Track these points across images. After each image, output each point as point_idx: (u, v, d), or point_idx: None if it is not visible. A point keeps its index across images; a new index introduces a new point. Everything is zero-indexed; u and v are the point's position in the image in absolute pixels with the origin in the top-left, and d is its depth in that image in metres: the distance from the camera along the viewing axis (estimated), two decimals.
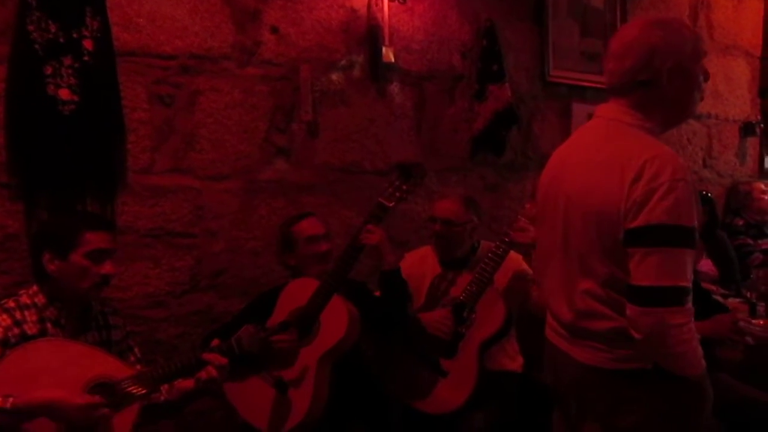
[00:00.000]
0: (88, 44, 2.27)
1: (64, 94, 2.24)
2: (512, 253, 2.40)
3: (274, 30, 2.71)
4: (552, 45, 3.46)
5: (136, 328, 2.39)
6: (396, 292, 2.31)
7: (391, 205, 2.22)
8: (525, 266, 2.47)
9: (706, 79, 1.63)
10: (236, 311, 2.40)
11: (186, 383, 1.91)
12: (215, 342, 1.91)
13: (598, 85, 3.63)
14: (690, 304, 1.47)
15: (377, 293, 2.39)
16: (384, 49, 2.88)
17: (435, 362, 2.37)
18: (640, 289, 1.46)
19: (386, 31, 2.88)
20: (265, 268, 2.69)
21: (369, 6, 2.89)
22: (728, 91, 4.20)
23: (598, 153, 1.57)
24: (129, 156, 2.44)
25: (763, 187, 4.09)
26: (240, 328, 2.19)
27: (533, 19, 3.42)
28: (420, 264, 2.58)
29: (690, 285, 1.46)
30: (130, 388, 1.75)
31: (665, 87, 1.55)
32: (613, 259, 1.52)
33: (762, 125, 4.42)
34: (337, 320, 2.13)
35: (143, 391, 1.76)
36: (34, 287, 1.84)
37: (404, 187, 2.23)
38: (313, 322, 2.14)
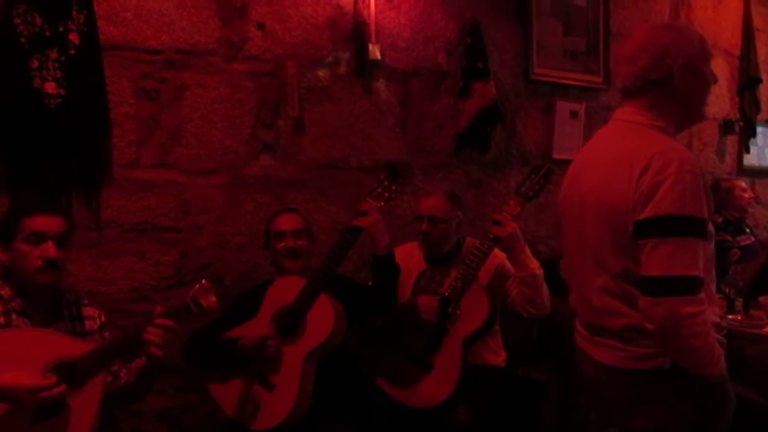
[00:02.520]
0: (74, 38, 2.26)
1: (50, 87, 2.23)
2: (496, 251, 2.44)
3: (261, 26, 2.71)
4: (535, 43, 3.50)
5: (121, 322, 2.39)
6: (389, 277, 2.29)
7: (380, 205, 2.23)
8: (508, 264, 2.50)
9: (715, 81, 1.69)
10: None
11: (139, 361, 1.88)
12: (158, 309, 1.79)
13: (581, 83, 3.69)
14: (703, 295, 1.48)
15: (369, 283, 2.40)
16: (370, 46, 2.89)
17: (420, 356, 2.40)
18: (651, 279, 1.49)
19: (372, 28, 2.90)
20: (251, 263, 2.70)
21: (355, 3, 2.90)
22: None
23: (611, 152, 1.63)
24: (114, 150, 2.44)
25: (743, 184, 4.17)
26: (224, 327, 2.22)
27: (517, 17, 3.45)
28: (405, 260, 2.59)
29: (702, 275, 1.48)
30: (88, 364, 1.74)
31: (677, 85, 1.61)
32: (626, 253, 1.56)
33: (741, 123, 4.50)
34: (323, 319, 2.13)
35: (101, 365, 1.75)
36: (0, 280, 1.85)
37: (393, 187, 2.24)
38: (300, 321, 2.14)
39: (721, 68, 4.34)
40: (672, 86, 1.61)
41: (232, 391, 2.18)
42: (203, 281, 1.78)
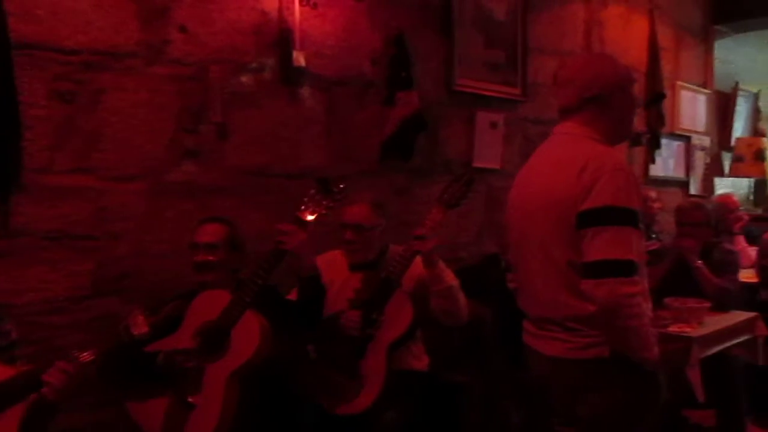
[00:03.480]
0: None
1: None
2: (419, 258, 2.47)
3: (183, 29, 2.66)
4: (458, 55, 3.59)
5: (35, 335, 2.28)
6: (314, 298, 2.28)
7: (309, 220, 2.21)
8: None
9: (639, 104, 1.88)
10: None
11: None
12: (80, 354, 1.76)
13: (501, 95, 3.81)
14: (638, 278, 1.65)
15: (292, 295, 2.39)
16: (295, 53, 2.89)
17: (345, 364, 2.40)
18: (593, 263, 1.64)
19: (297, 35, 2.89)
20: (173, 272, 2.62)
21: (280, 9, 2.90)
22: None
23: (553, 158, 1.82)
24: (26, 154, 2.32)
25: (654, 195, 4.41)
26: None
27: (440, 29, 3.54)
28: (329, 268, 2.60)
29: (637, 261, 1.64)
30: (10, 390, 1.67)
31: (608, 102, 1.81)
32: (569, 245, 1.71)
33: (648, 136, 4.78)
34: (248, 337, 2.08)
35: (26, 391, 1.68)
36: None
37: (324, 203, 2.23)
38: (224, 338, 2.08)
39: None
40: (605, 103, 1.81)
41: (152, 411, 2.11)
42: (137, 312, 1.79)
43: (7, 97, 2.24)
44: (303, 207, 2.25)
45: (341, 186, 2.29)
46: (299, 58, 2.90)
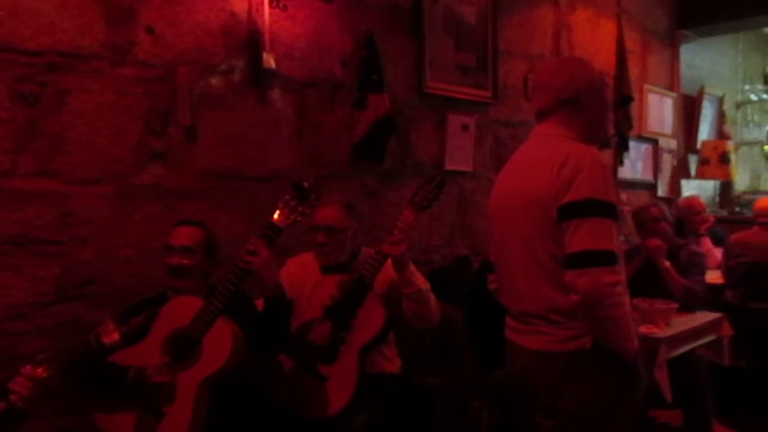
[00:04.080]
0: None
1: None
2: (390, 261, 2.47)
3: (150, 30, 2.62)
4: (428, 57, 3.60)
5: None
6: (281, 317, 2.25)
7: (284, 226, 2.18)
8: None
9: (611, 108, 1.93)
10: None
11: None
12: (42, 355, 1.76)
13: (471, 97, 3.83)
14: (619, 268, 1.70)
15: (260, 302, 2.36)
16: (264, 54, 2.87)
17: (316, 367, 2.39)
18: (576, 254, 1.69)
19: (267, 37, 2.88)
20: (140, 276, 2.59)
21: (249, 11, 2.87)
22: None
23: (533, 157, 1.88)
24: None
25: (624, 197, 4.46)
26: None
27: (411, 32, 3.55)
28: (301, 270, 2.59)
29: (617, 252, 1.69)
30: None
31: (584, 103, 1.88)
32: (551, 239, 1.75)
33: (616, 138, 4.84)
34: (220, 345, 2.05)
35: None
36: None
37: (300, 209, 2.20)
38: (195, 345, 2.06)
39: None
40: (579, 104, 1.88)
41: (120, 421, 2.06)
42: (109, 321, 1.78)
43: None
44: (278, 213, 2.21)
45: (316, 192, 2.26)
46: (269, 60, 2.89)
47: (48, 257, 2.41)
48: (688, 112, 6.02)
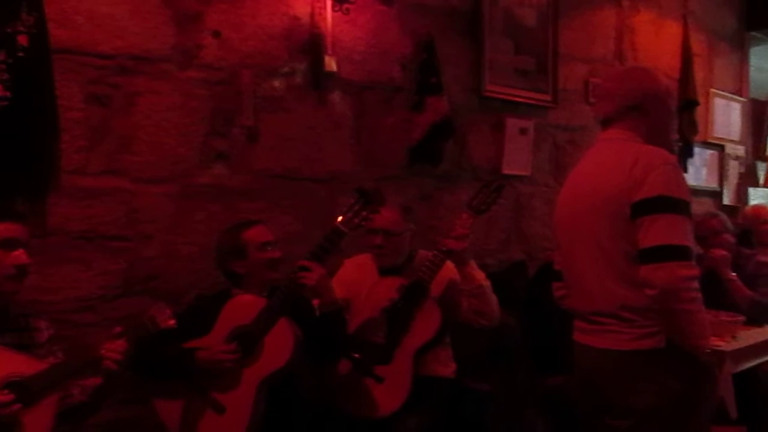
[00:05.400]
0: (22, 39, 2.19)
1: None
2: (448, 263, 2.47)
3: (216, 34, 2.70)
4: (487, 60, 3.58)
5: (65, 333, 2.32)
6: (336, 333, 2.26)
7: (347, 230, 2.18)
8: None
9: (677, 117, 1.92)
10: None
11: (95, 380, 1.87)
12: (117, 329, 1.86)
13: (530, 101, 3.79)
14: (694, 262, 1.70)
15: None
16: (326, 57, 2.90)
17: (371, 368, 2.41)
18: (651, 249, 1.69)
19: (329, 40, 2.91)
20: (201, 273, 2.66)
21: (312, 15, 2.92)
22: None
23: (601, 160, 1.91)
24: (62, 156, 2.37)
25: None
26: (175, 336, 2.16)
27: (470, 35, 3.53)
28: (358, 271, 2.62)
29: (692, 247, 1.70)
30: (41, 383, 1.72)
31: (649, 112, 1.89)
32: (622, 236, 1.76)
33: (680, 144, 4.69)
34: (282, 345, 2.08)
35: (54, 385, 1.75)
36: None
37: (363, 214, 2.20)
38: (256, 344, 2.09)
39: None
40: (644, 110, 1.88)
41: (179, 410, 2.12)
42: (161, 304, 1.87)
43: (46, 100, 2.29)
44: (341, 217, 2.21)
45: (380, 198, 2.24)
46: (330, 63, 2.92)
47: (115, 252, 2.50)
48: (757, 117, 5.79)
